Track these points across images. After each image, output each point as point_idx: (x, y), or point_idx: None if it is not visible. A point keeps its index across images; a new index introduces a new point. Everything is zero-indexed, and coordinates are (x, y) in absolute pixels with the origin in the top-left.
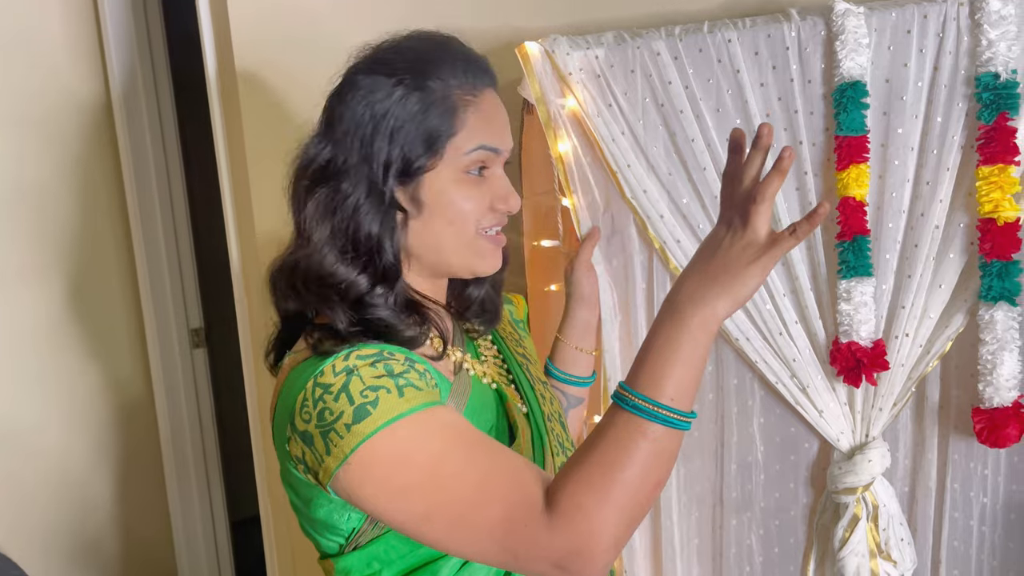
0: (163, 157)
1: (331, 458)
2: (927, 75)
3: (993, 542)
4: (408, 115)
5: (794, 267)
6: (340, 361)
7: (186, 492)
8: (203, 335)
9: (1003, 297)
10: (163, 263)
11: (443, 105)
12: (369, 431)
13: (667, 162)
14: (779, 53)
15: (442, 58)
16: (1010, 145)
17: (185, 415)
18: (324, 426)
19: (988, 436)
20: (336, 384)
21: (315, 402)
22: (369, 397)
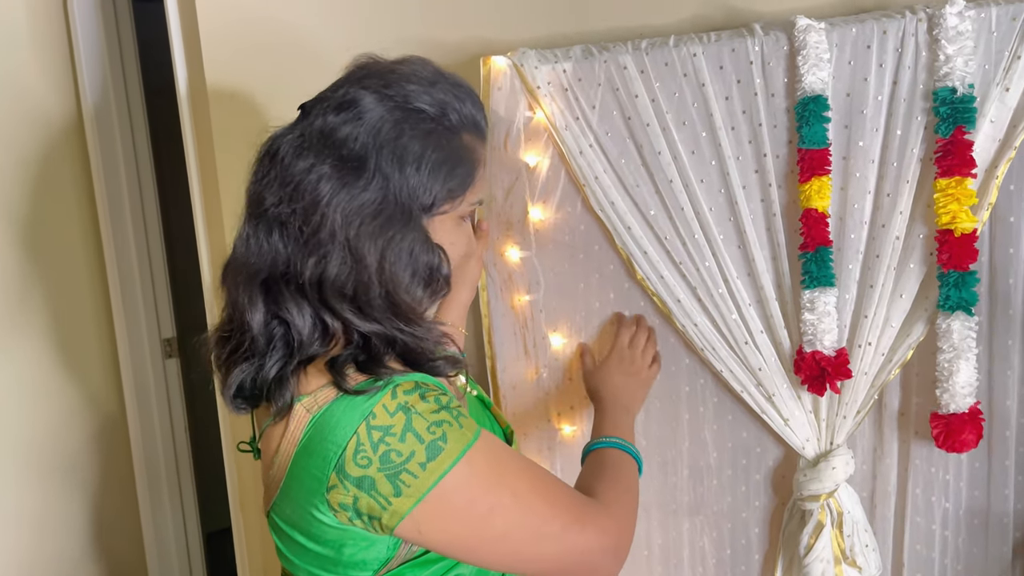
0: (135, 166)
1: (403, 499)
2: (887, 89)
3: (956, 546)
4: (442, 160)
5: (759, 278)
6: (389, 400)
7: (158, 503)
8: (175, 345)
9: (960, 307)
10: (135, 272)
11: (470, 158)
12: (447, 466)
13: (634, 174)
14: (743, 67)
15: (469, 106)
16: (967, 158)
17: (157, 426)
18: (393, 468)
19: (945, 441)
20: (397, 424)
21: (375, 446)
22: (436, 433)
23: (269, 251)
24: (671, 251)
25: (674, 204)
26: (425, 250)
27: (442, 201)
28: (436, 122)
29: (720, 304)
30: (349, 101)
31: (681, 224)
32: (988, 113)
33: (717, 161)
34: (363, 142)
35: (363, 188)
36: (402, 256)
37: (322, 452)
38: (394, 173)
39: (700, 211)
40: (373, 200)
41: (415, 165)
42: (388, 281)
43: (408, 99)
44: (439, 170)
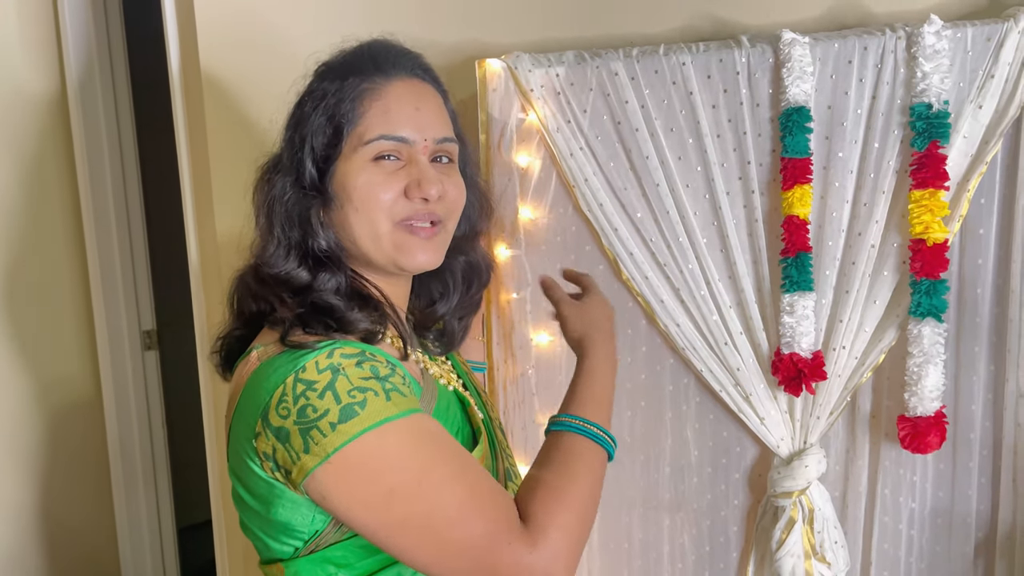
0: (119, 155)
1: (309, 456)
2: (866, 103)
3: (921, 545)
4: (320, 108)
5: (740, 281)
6: (324, 358)
7: (133, 497)
8: (155, 337)
9: (930, 313)
10: (116, 264)
11: (349, 96)
12: (356, 431)
13: (622, 177)
14: (730, 77)
15: (361, 55)
16: (940, 171)
17: (134, 418)
18: (305, 423)
19: (911, 443)
20: (321, 381)
21: (296, 398)
22: (356, 398)
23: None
24: (656, 253)
25: (660, 208)
26: (291, 202)
27: (328, 146)
28: (325, 83)
29: (702, 305)
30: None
31: (666, 227)
32: (962, 129)
33: (703, 167)
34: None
35: (276, 155)
36: (273, 212)
37: (256, 398)
38: (290, 132)
39: (685, 215)
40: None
41: (300, 120)
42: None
43: (321, 72)
44: (315, 116)
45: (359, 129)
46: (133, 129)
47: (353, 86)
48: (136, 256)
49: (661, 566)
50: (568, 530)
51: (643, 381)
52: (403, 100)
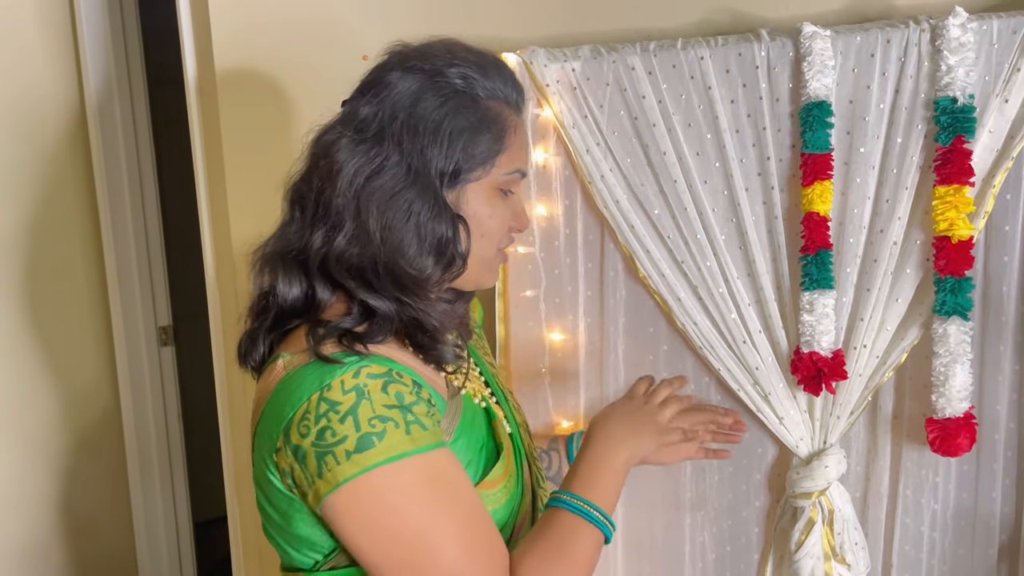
0: (135, 152)
1: (322, 481)
2: (889, 97)
3: (943, 548)
4: (463, 125)
5: (759, 279)
6: (350, 378)
7: (150, 492)
8: (171, 333)
9: (956, 312)
10: (132, 260)
11: (497, 124)
12: (370, 464)
13: (639, 174)
14: (749, 71)
15: (496, 73)
16: (965, 167)
17: (151, 414)
18: (322, 446)
19: (940, 445)
20: (344, 404)
21: (318, 417)
22: (376, 428)
23: (291, 230)
24: (673, 250)
25: (677, 204)
26: (435, 218)
27: (469, 168)
28: (457, 91)
29: (720, 303)
30: (373, 81)
31: (684, 224)
32: (987, 124)
33: (721, 163)
34: (382, 113)
35: (375, 155)
36: (408, 223)
37: (279, 411)
38: (408, 140)
39: (703, 211)
40: (384, 167)
41: (432, 132)
42: (393, 251)
43: (432, 71)
44: (459, 136)
45: (503, 159)
46: (149, 125)
47: (503, 115)
48: (152, 252)
49: (682, 565)
50: None
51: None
52: (527, 139)
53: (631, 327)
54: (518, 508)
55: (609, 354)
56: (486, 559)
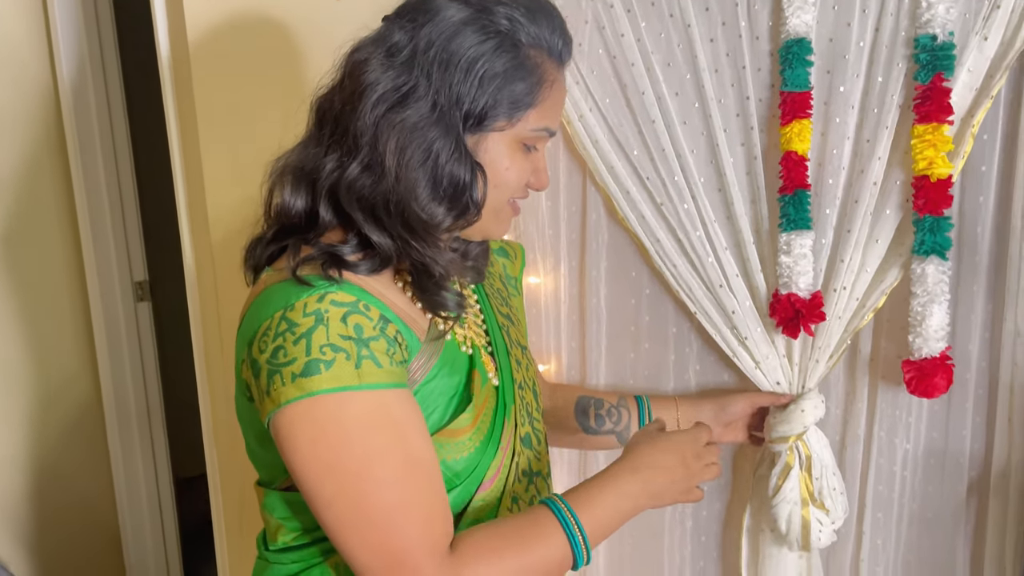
0: (106, 105)
1: (269, 400)
2: (869, 35)
3: (913, 486)
4: (499, 70)
5: (737, 221)
6: (313, 301)
7: (129, 449)
8: (147, 288)
9: (934, 251)
10: (106, 215)
11: (534, 75)
12: (312, 390)
13: (617, 114)
14: (728, 9)
15: (545, 20)
16: (944, 104)
17: (128, 370)
18: (274, 364)
19: (917, 386)
20: (301, 327)
21: (275, 336)
22: (326, 355)
23: (310, 146)
24: (652, 191)
25: (655, 145)
26: (455, 160)
27: (495, 115)
28: (500, 32)
29: (697, 246)
30: (416, 3)
31: (662, 165)
32: (966, 62)
33: (700, 103)
34: (417, 40)
35: (403, 83)
36: (426, 160)
37: (249, 324)
38: (437, 74)
39: (681, 153)
40: (409, 97)
41: (465, 70)
42: (406, 191)
43: (478, 5)
44: (491, 80)
45: (532, 113)
46: (119, 77)
47: (543, 68)
48: (126, 207)
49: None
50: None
51: (647, 323)
52: (564, 93)
53: (613, 270)
54: (488, 464)
55: (591, 297)
56: (422, 512)
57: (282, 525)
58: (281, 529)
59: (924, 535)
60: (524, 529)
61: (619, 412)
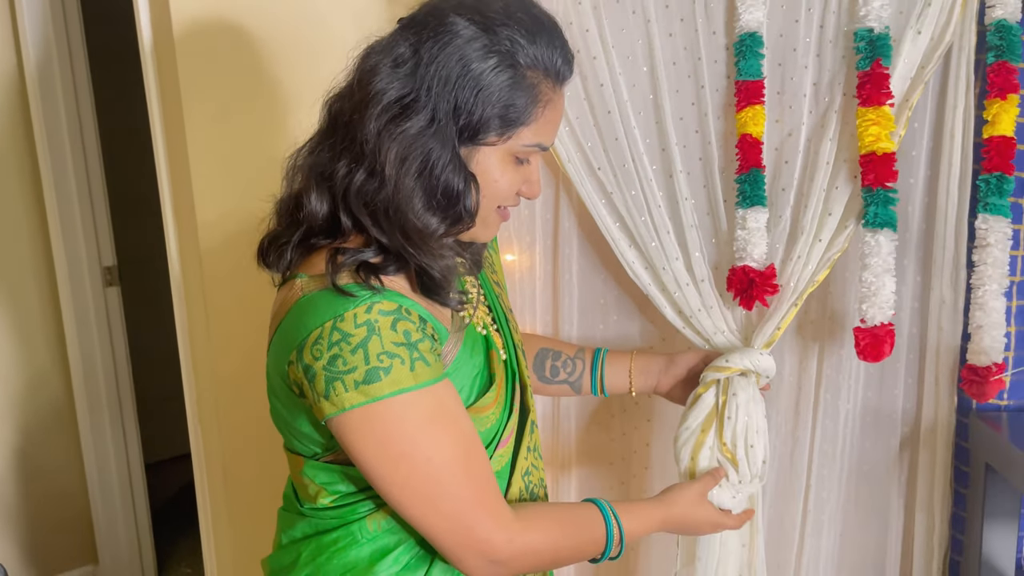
0: (72, 90)
1: (328, 403)
2: (814, 31)
3: (852, 442)
4: (496, 86)
5: (684, 204)
6: (363, 312)
7: (99, 434)
8: (116, 273)
9: (886, 224)
10: (74, 200)
11: (529, 94)
12: (376, 395)
13: (576, 106)
14: (687, 7)
15: (545, 41)
16: (884, 86)
17: (98, 356)
18: (333, 372)
19: (869, 352)
20: (356, 336)
21: (330, 345)
22: (383, 363)
23: (324, 148)
24: (603, 181)
25: (609, 135)
26: (450, 171)
27: (488, 131)
28: (500, 53)
29: (643, 231)
30: (425, 17)
31: (614, 154)
32: (903, 53)
33: (654, 95)
34: (421, 53)
35: (405, 95)
36: (423, 170)
37: (295, 329)
38: (439, 87)
39: (634, 141)
40: (410, 107)
41: (463, 85)
42: (403, 200)
43: (482, 25)
44: (487, 98)
45: (524, 131)
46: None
47: (539, 88)
48: (94, 192)
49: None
50: (536, 546)
51: (615, 297)
52: (560, 110)
53: (584, 248)
54: (505, 425)
55: (564, 273)
56: (483, 483)
57: (323, 489)
58: (322, 492)
59: (863, 486)
60: (579, 519)
61: (574, 364)
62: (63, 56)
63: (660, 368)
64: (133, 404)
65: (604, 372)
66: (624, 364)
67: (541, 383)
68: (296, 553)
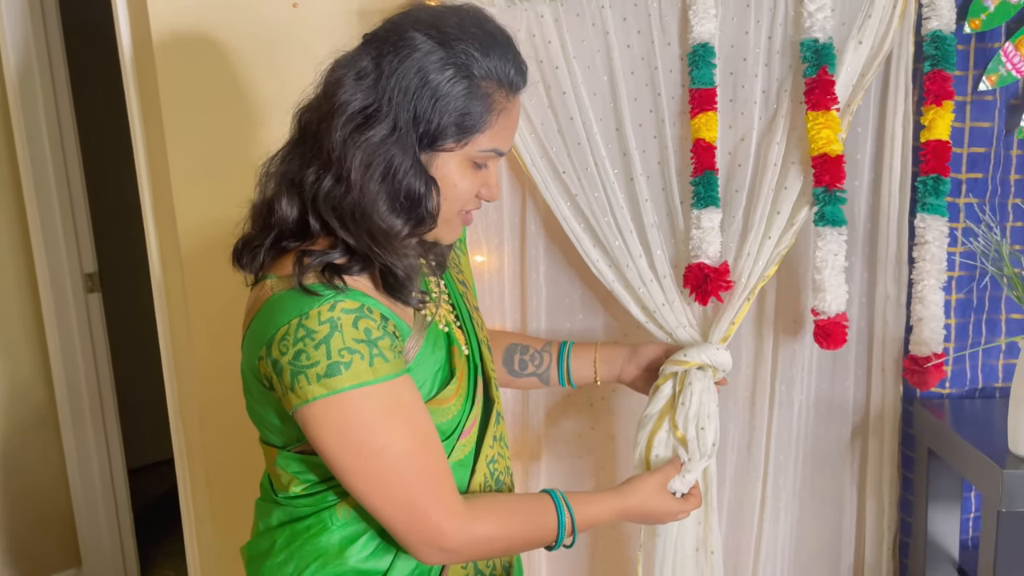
0: (52, 97)
1: (294, 395)
2: (763, 42)
3: (807, 430)
4: (452, 96)
5: (644, 205)
6: (326, 310)
7: (82, 439)
8: (97, 280)
9: (836, 222)
10: (55, 207)
11: (484, 102)
12: (336, 388)
13: (541, 114)
14: (643, 19)
15: (498, 54)
16: (830, 92)
17: (80, 362)
18: (297, 366)
19: (823, 341)
20: (319, 333)
21: (295, 340)
22: (344, 358)
23: (295, 158)
24: (568, 183)
25: (572, 140)
26: (412, 175)
27: (445, 137)
28: (456, 65)
29: (607, 231)
30: (385, 33)
31: (577, 159)
32: (846, 62)
33: (614, 102)
34: (382, 65)
35: (368, 104)
36: (386, 175)
37: (264, 327)
38: (399, 97)
39: (596, 147)
40: (372, 116)
41: (420, 97)
42: (368, 203)
43: (439, 39)
44: (444, 107)
45: (481, 137)
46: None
47: (493, 97)
48: (75, 199)
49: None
50: (487, 535)
51: (580, 296)
52: (515, 118)
53: (550, 249)
54: (467, 416)
55: (531, 274)
56: (436, 474)
57: (294, 478)
58: (294, 481)
59: (817, 473)
60: (530, 509)
61: (541, 356)
62: (43, 65)
63: (623, 359)
64: (115, 409)
65: (570, 363)
66: (589, 355)
67: (511, 377)
68: (272, 539)
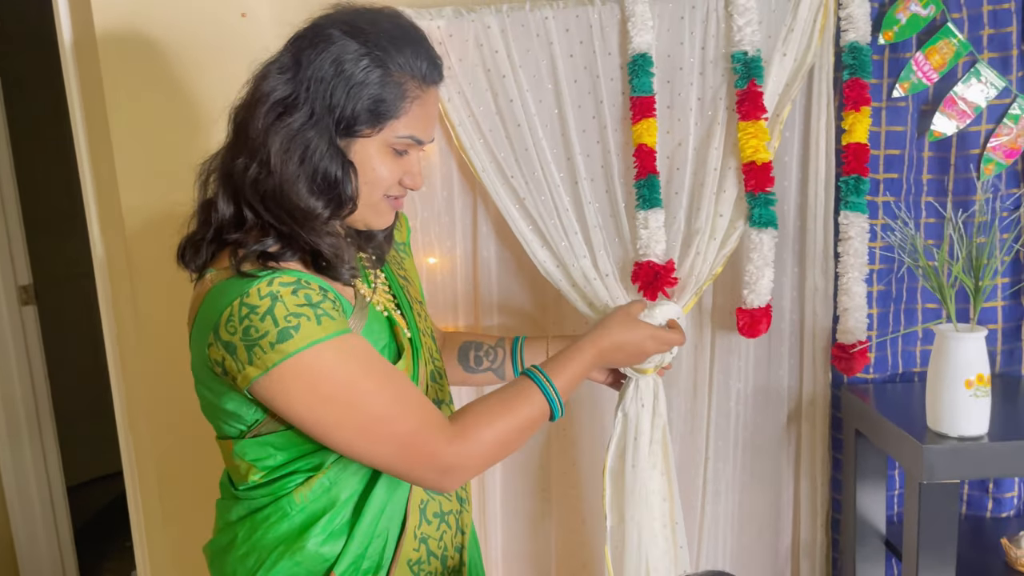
0: None
1: (252, 367)
2: (697, 52)
3: (745, 418)
4: (366, 84)
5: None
6: (264, 286)
7: (19, 455)
8: (32, 292)
9: (768, 223)
10: None
11: (397, 91)
12: (291, 350)
13: (490, 120)
14: (585, 30)
15: (411, 49)
16: (759, 104)
17: (15, 376)
18: (249, 341)
19: (748, 330)
20: (262, 307)
21: (240, 319)
22: (292, 323)
23: (227, 155)
24: (516, 188)
25: (520, 146)
26: (328, 159)
27: (361, 123)
28: (370, 56)
29: (553, 233)
30: (307, 30)
31: (524, 163)
32: (772, 73)
33: (559, 109)
34: (301, 59)
35: (288, 94)
36: (304, 159)
37: (209, 314)
38: (316, 86)
39: (542, 151)
40: (292, 105)
41: (335, 85)
42: (288, 186)
43: (354, 34)
44: (358, 94)
45: (396, 124)
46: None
47: (406, 86)
48: (8, 211)
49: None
50: (484, 444)
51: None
52: (432, 108)
53: (501, 252)
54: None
55: (483, 275)
56: (413, 401)
57: (252, 465)
58: (252, 470)
59: (755, 458)
60: (510, 397)
61: (495, 352)
62: None
63: None
64: (53, 424)
65: (524, 356)
66: (542, 347)
67: (467, 374)
68: (233, 534)
